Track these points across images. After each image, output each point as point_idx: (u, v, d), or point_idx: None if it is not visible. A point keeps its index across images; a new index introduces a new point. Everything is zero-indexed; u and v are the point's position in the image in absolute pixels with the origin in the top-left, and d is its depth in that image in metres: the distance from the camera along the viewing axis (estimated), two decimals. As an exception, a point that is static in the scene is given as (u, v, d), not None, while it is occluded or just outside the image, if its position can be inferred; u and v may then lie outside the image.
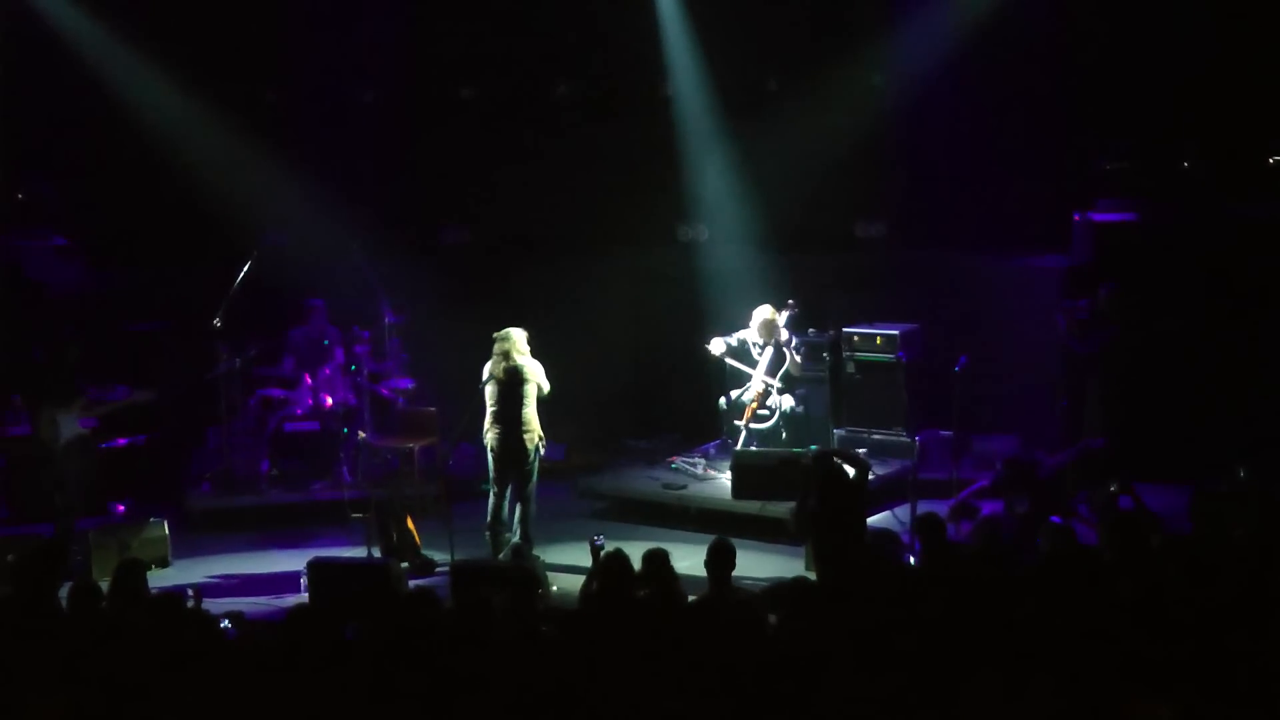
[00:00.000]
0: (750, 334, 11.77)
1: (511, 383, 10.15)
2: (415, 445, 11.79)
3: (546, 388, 10.22)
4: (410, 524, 10.37)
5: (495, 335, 10.22)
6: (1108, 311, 11.23)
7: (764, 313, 11.69)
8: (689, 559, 8.63)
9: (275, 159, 12.84)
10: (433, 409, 11.97)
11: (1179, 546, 6.82)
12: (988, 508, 10.21)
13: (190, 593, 8.57)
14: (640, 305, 13.67)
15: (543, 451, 10.28)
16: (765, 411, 11.64)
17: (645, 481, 11.80)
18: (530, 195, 13.69)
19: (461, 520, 10.38)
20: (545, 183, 13.65)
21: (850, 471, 9.01)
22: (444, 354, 12.28)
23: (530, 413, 10.16)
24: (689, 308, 13.10)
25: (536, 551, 10.29)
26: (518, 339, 10.18)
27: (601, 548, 8.60)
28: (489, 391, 10.20)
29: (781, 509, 10.61)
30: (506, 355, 10.14)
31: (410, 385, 12.41)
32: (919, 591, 6.82)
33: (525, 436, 10.14)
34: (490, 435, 10.23)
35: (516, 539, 10.21)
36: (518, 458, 10.18)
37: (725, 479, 11.38)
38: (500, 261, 13.73)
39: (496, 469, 10.26)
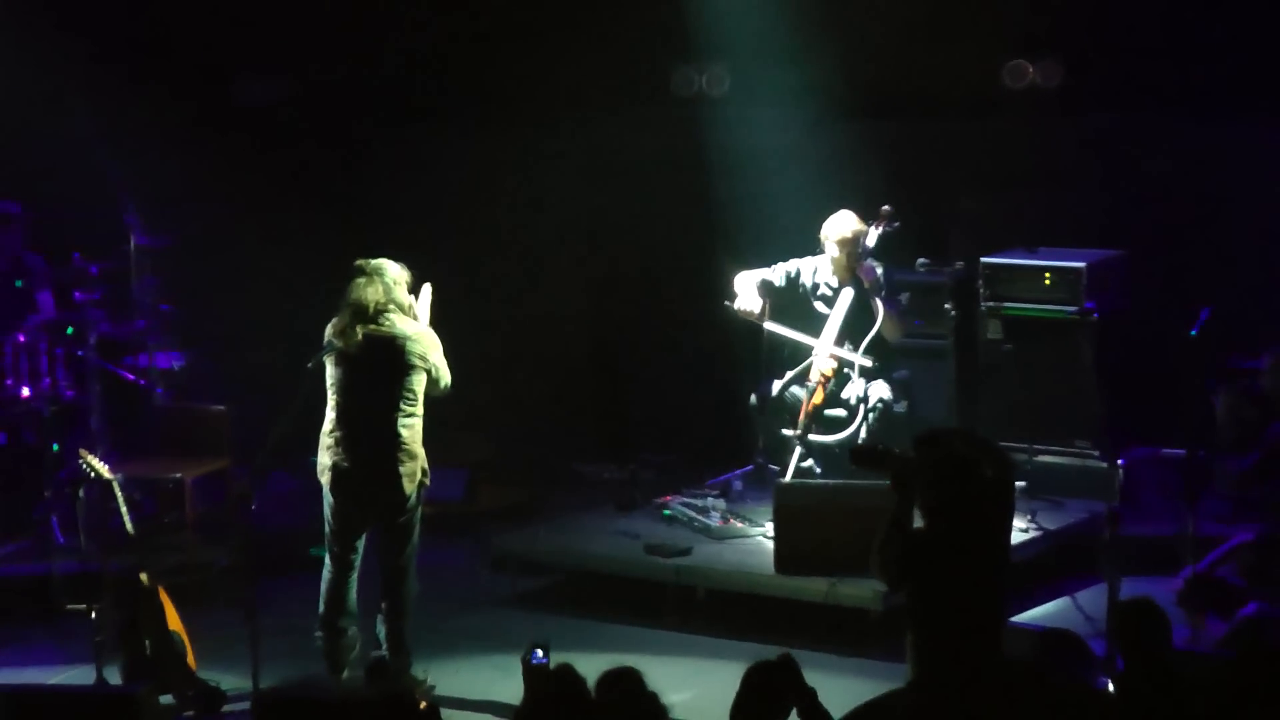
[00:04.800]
0: (814, 267, 11.92)
1: (376, 364, 10.18)
2: (187, 474, 11.92)
3: (446, 379, 10.34)
4: (177, 621, 10.34)
5: (358, 265, 10.30)
6: None
7: (844, 225, 11.82)
8: (691, 682, 8.52)
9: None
10: (221, 407, 12.27)
11: None
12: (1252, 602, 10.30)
13: None
14: (607, 217, 13.95)
15: (426, 486, 10.42)
16: (842, 413, 11.81)
17: (614, 541, 11.99)
18: (404, 20, 14.05)
19: (275, 610, 10.56)
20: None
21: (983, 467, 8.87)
22: (243, 308, 12.55)
23: (411, 423, 10.24)
24: (694, 220, 13.38)
25: (418, 667, 10.41)
26: (394, 280, 10.30)
27: (543, 666, 8.88)
28: (331, 377, 10.25)
29: (865, 590, 10.66)
30: (372, 312, 10.17)
31: (179, 363, 12.79)
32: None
33: (401, 463, 10.19)
34: (330, 458, 10.25)
35: (382, 648, 10.35)
36: (385, 501, 10.25)
37: (762, 535, 11.55)
38: (347, 138, 14.23)
39: (338, 521, 10.31)
